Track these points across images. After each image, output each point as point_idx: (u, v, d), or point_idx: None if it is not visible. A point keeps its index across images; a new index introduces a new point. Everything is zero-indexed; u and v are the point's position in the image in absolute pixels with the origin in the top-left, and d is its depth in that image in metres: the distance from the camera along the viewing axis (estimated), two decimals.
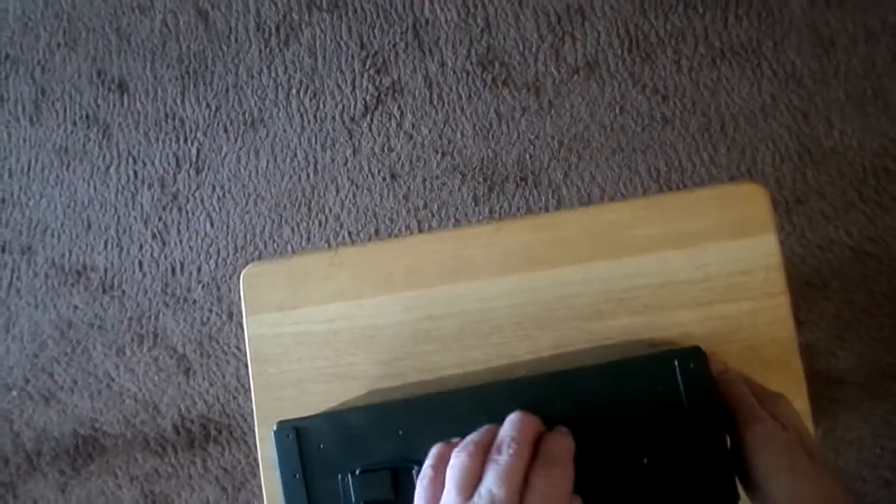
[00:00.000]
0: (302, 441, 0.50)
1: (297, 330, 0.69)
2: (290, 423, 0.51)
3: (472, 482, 0.41)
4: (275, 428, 0.51)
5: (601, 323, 0.64)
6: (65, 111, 1.55)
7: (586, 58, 1.36)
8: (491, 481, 0.40)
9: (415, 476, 0.47)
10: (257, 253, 1.43)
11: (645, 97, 1.34)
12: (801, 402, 0.61)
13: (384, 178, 1.40)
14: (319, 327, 0.68)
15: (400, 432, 0.49)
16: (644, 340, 0.62)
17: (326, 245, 1.41)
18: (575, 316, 0.64)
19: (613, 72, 1.35)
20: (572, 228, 0.65)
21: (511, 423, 0.44)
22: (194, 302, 1.45)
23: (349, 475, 0.49)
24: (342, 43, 1.45)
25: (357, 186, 1.41)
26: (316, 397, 0.67)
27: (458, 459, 0.42)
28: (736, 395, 0.49)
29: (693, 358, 0.48)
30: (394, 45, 1.43)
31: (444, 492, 0.41)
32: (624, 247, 0.65)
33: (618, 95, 1.34)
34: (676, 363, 0.48)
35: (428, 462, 0.45)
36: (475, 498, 0.39)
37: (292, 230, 1.43)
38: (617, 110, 1.34)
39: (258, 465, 1.41)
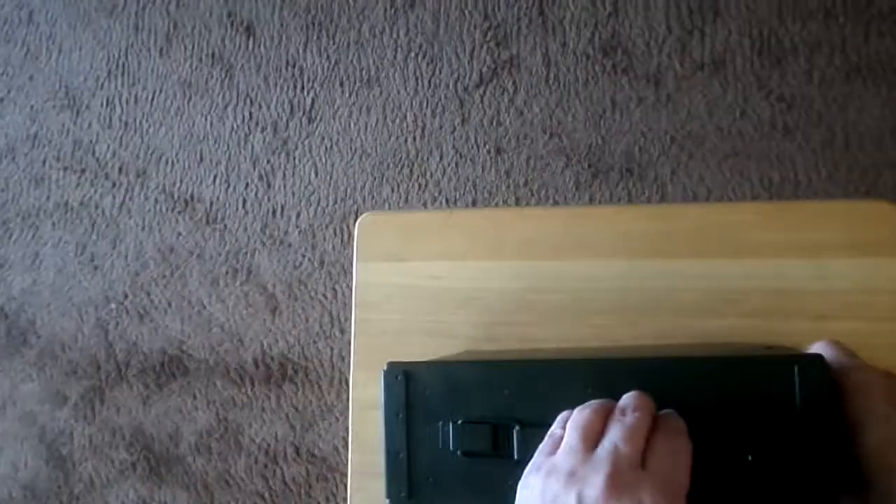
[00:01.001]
0: (409, 384, 0.52)
1: (403, 282, 0.71)
2: (401, 366, 0.53)
3: (595, 435, 0.41)
4: (385, 367, 0.53)
5: (708, 321, 0.63)
6: (193, 47, 1.62)
7: (713, 55, 1.32)
8: (616, 436, 0.40)
9: (515, 435, 0.49)
10: (356, 207, 1.47)
11: (769, 104, 1.30)
12: None
13: (489, 151, 1.41)
14: (426, 282, 0.70)
15: (506, 392, 0.50)
16: (752, 344, 0.61)
17: (424, 207, 1.44)
18: (683, 310, 0.64)
19: (739, 73, 1.31)
20: (693, 222, 0.65)
21: (632, 396, 0.45)
22: (290, 245, 1.50)
23: (451, 424, 0.50)
24: (466, 12, 1.45)
25: (461, 156, 1.43)
26: (412, 349, 0.69)
27: (581, 414, 0.43)
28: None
29: (815, 367, 0.48)
30: (517, 20, 1.42)
31: (565, 441, 0.42)
32: (743, 248, 0.64)
33: (740, 98, 1.30)
34: (796, 369, 0.48)
35: (556, 423, 0.46)
36: (598, 450, 0.40)
37: (392, 189, 1.46)
38: (737, 113, 1.30)
39: (329, 408, 1.46)
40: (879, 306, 0.61)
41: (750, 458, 0.46)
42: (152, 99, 1.64)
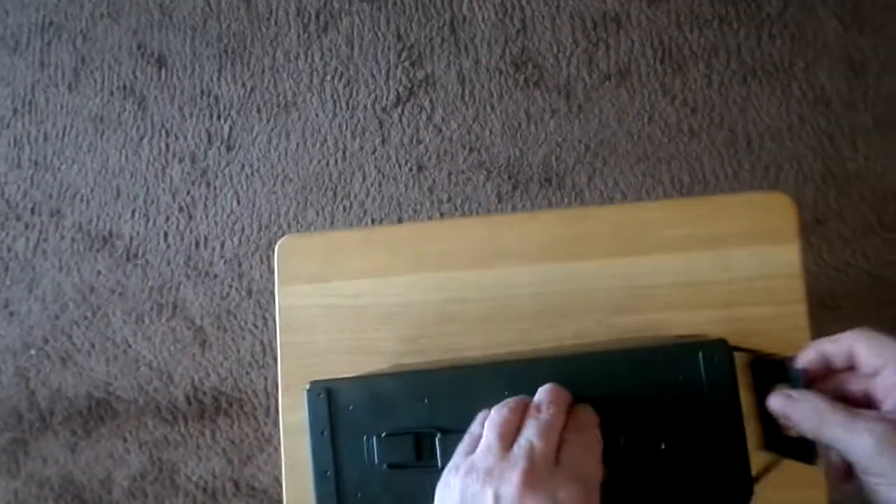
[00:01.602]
0: (332, 401, 0.52)
1: (326, 302, 0.71)
2: (323, 384, 0.53)
3: (511, 433, 0.42)
4: (307, 386, 0.53)
5: (623, 317, 0.66)
6: (103, 80, 1.59)
7: (619, 65, 1.38)
8: (531, 433, 0.42)
9: (437, 443, 0.49)
10: (281, 233, 1.46)
11: (674, 108, 1.35)
12: None
13: (411, 169, 1.43)
14: (348, 301, 0.71)
15: (426, 400, 0.51)
16: (663, 337, 0.64)
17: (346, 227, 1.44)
18: (598, 308, 0.66)
19: (644, 81, 1.37)
20: (603, 223, 0.68)
21: (547, 391, 0.46)
22: (215, 276, 1.48)
23: (374, 437, 0.51)
24: (380, 34, 1.47)
25: (383, 175, 1.44)
26: (340, 368, 0.69)
27: (498, 413, 0.44)
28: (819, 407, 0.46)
29: (717, 350, 0.50)
30: (430, 40, 1.45)
31: (483, 440, 0.43)
32: (652, 245, 0.67)
33: (647, 105, 1.36)
34: (701, 354, 0.50)
35: (475, 423, 0.47)
36: (514, 447, 0.41)
37: (317, 213, 1.46)
38: (645, 119, 1.36)
39: (266, 439, 1.44)
40: (779, 291, 0.65)
41: (663, 445, 0.48)
42: (63, 135, 1.59)
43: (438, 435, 0.50)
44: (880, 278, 1.28)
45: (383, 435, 0.51)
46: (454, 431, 0.48)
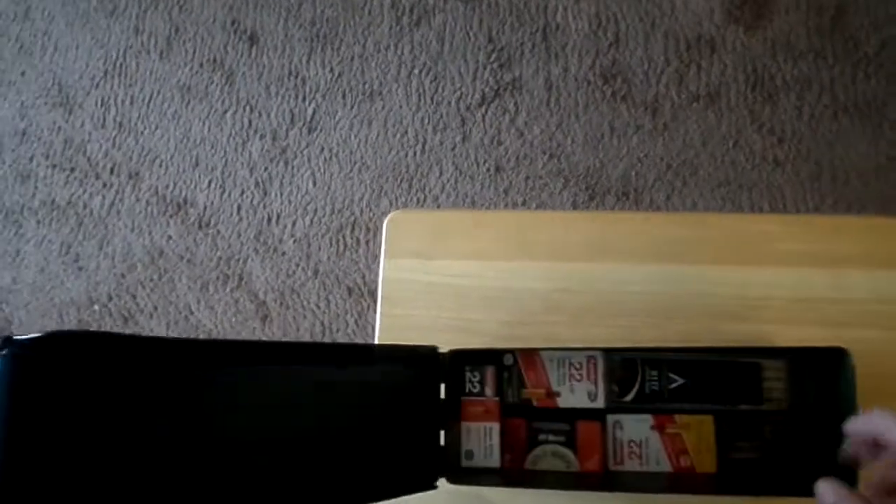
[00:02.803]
0: None
1: (430, 279, 0.72)
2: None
3: None
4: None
5: (731, 325, 0.66)
6: (194, 52, 1.62)
7: (709, 88, 1.38)
8: None
9: None
10: (353, 218, 1.48)
11: (760, 136, 1.35)
12: None
13: (488, 170, 1.44)
14: (453, 280, 0.71)
15: None
16: (772, 349, 0.64)
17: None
18: (706, 314, 0.66)
19: (733, 106, 1.36)
20: (718, 231, 0.68)
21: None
22: (283, 254, 1.50)
23: None
24: (471, 33, 1.49)
25: (460, 172, 1.45)
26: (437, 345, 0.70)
27: None
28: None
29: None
30: (521, 44, 1.46)
31: None
32: (766, 257, 0.67)
33: (734, 130, 1.35)
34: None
35: None
36: None
37: (390, 203, 1.47)
38: (730, 144, 1.35)
39: None
40: (893, 315, 0.64)
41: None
42: (149, 101, 1.63)
43: None
44: None
45: None
46: None
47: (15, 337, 0.38)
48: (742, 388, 0.55)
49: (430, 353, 0.54)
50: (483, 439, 0.56)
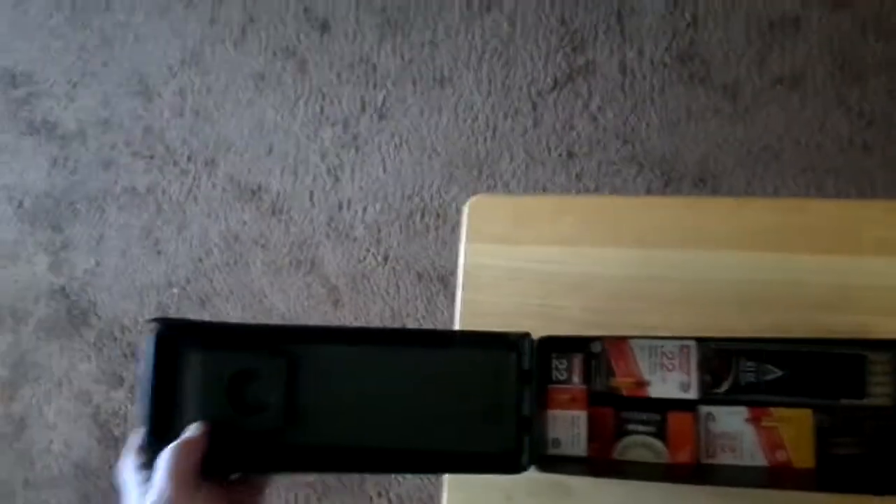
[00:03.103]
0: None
1: (513, 265, 0.72)
2: None
3: None
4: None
5: (828, 316, 0.63)
6: (268, 40, 1.65)
7: (792, 70, 1.32)
8: None
9: None
10: (423, 205, 1.48)
11: (848, 120, 1.29)
12: None
13: (560, 155, 1.42)
14: (537, 266, 0.71)
15: None
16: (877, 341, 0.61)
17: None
18: (802, 304, 0.64)
19: (819, 88, 1.31)
20: (815, 217, 0.65)
21: None
22: (354, 239, 1.52)
23: None
24: (543, 16, 1.47)
25: (532, 158, 1.43)
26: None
27: None
28: None
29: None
30: (595, 27, 1.43)
31: None
32: (866, 244, 0.64)
33: (819, 113, 1.30)
34: None
35: None
36: None
37: (460, 189, 1.47)
38: (815, 128, 1.30)
39: None
40: None
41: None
42: (224, 90, 1.66)
43: None
44: None
45: None
46: None
47: (159, 318, 0.53)
48: (844, 382, 0.53)
49: (519, 338, 0.53)
50: (570, 427, 0.55)
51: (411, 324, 1.45)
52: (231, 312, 1.57)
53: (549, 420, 0.56)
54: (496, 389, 0.53)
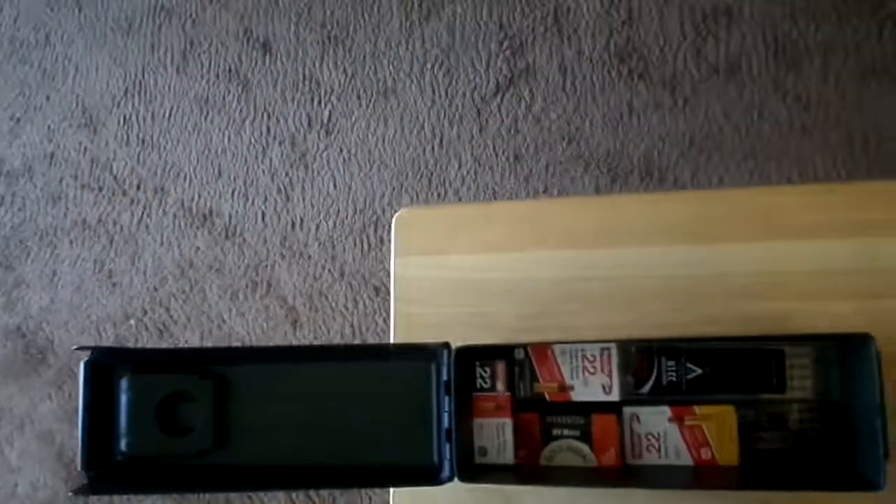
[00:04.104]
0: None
1: (443, 275, 0.71)
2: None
3: None
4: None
5: (753, 304, 0.63)
6: (210, 64, 1.64)
7: (728, 59, 1.34)
8: None
9: None
10: (375, 217, 1.47)
11: (785, 105, 1.30)
12: None
13: (507, 159, 1.42)
14: (466, 275, 0.70)
15: None
16: (796, 328, 0.61)
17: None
18: (727, 294, 0.64)
19: (755, 76, 1.32)
20: (732, 206, 0.65)
21: None
22: (309, 257, 1.50)
23: None
24: (482, 23, 1.47)
25: (479, 164, 1.43)
26: (454, 341, 0.69)
27: None
28: None
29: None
30: (532, 29, 1.44)
31: None
32: (786, 230, 0.64)
33: (757, 100, 1.31)
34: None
35: None
36: None
37: (411, 199, 1.46)
38: (755, 115, 1.31)
39: None
40: None
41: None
42: (169, 116, 1.65)
43: None
44: None
45: None
46: None
47: (91, 346, 0.53)
48: (764, 377, 0.53)
49: (438, 349, 0.53)
50: (496, 435, 0.55)
51: (371, 339, 1.44)
52: (190, 340, 1.55)
53: (475, 429, 0.55)
54: (418, 401, 0.53)
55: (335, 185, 1.51)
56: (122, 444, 0.53)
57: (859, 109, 1.29)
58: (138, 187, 1.64)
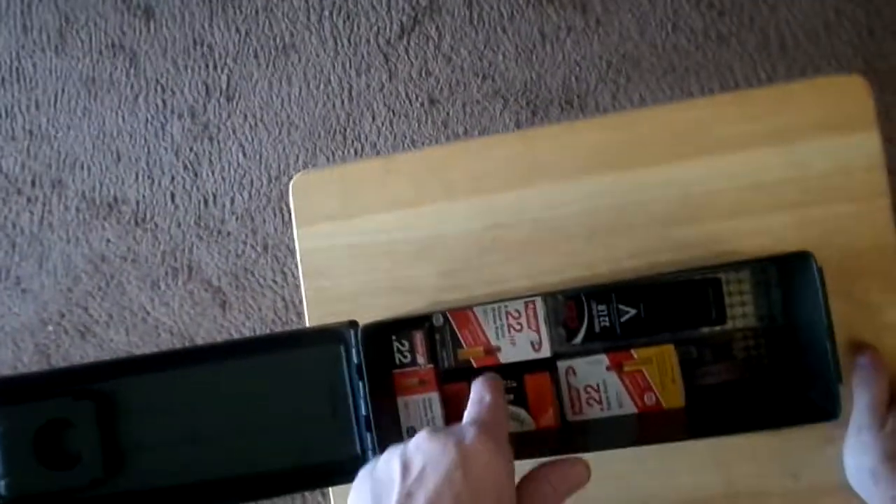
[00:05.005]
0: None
1: (351, 241, 0.65)
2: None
3: None
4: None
5: (684, 228, 0.59)
6: (90, 40, 1.50)
7: None
8: None
9: None
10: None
11: (699, 13, 1.26)
12: None
13: (422, 104, 1.35)
14: (376, 238, 0.64)
15: None
16: (732, 251, 0.57)
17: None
18: (655, 221, 0.59)
19: None
20: (649, 128, 0.60)
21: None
22: (228, 234, 1.42)
23: None
24: None
25: (394, 113, 1.36)
26: (375, 312, 0.63)
27: None
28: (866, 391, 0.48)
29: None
30: None
31: None
32: (707, 146, 0.59)
33: (670, 12, 1.26)
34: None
35: None
36: None
37: (327, 158, 1.38)
38: (669, 28, 1.26)
39: None
40: (857, 185, 0.57)
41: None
42: (55, 102, 1.52)
43: None
44: None
45: None
46: None
47: None
48: (703, 309, 0.49)
49: (345, 329, 0.47)
50: (423, 412, 0.50)
51: None
52: (115, 338, 1.46)
53: (400, 408, 0.50)
54: (330, 391, 0.47)
55: (245, 154, 1.42)
56: (1, 487, 0.46)
57: (773, 7, 1.25)
58: (33, 184, 1.52)
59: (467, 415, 0.42)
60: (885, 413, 0.49)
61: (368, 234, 0.64)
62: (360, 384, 0.46)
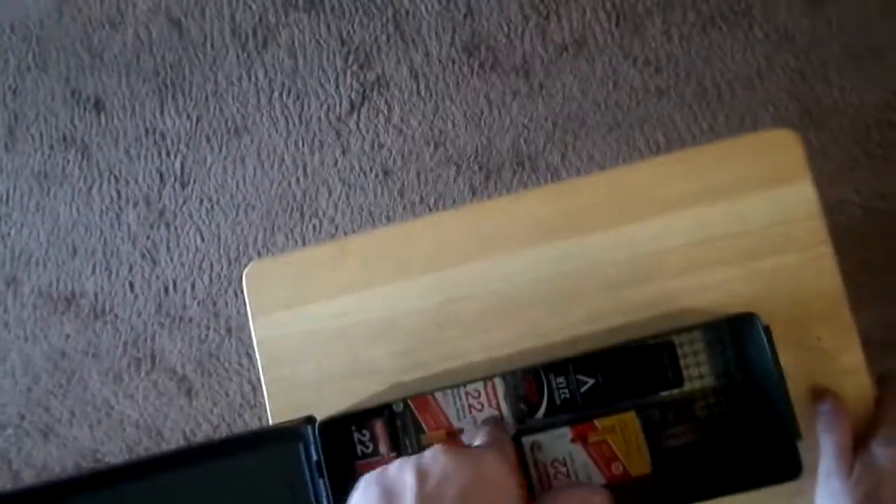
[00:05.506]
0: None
1: (308, 327, 0.64)
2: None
3: None
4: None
5: (635, 289, 0.60)
6: (41, 135, 1.50)
7: (573, 35, 1.32)
8: None
9: None
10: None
11: (637, 70, 1.30)
12: (853, 356, 0.57)
13: (377, 176, 1.36)
14: (332, 323, 0.64)
15: None
16: (684, 309, 0.58)
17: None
18: (607, 285, 0.60)
19: (602, 47, 1.31)
20: (592, 194, 0.61)
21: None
22: (190, 320, 1.40)
23: None
24: (321, 41, 1.40)
25: (349, 186, 1.37)
26: (336, 398, 0.62)
27: None
28: (830, 438, 0.50)
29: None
30: (375, 39, 1.38)
31: None
32: (652, 207, 0.61)
33: (609, 71, 1.31)
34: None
35: None
36: None
37: (286, 237, 1.38)
38: (610, 86, 1.30)
39: None
40: (799, 234, 0.59)
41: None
42: (7, 199, 1.50)
43: None
44: (877, 210, 1.23)
45: None
46: None
47: None
48: (659, 373, 0.49)
49: (302, 426, 0.46)
50: None
51: None
52: (78, 436, 1.42)
53: None
54: (291, 491, 0.46)
55: (203, 238, 1.41)
56: None
57: (706, 60, 1.30)
58: None
59: (478, 442, 0.44)
60: (850, 459, 0.50)
61: (324, 320, 0.64)
62: (322, 481, 0.45)
